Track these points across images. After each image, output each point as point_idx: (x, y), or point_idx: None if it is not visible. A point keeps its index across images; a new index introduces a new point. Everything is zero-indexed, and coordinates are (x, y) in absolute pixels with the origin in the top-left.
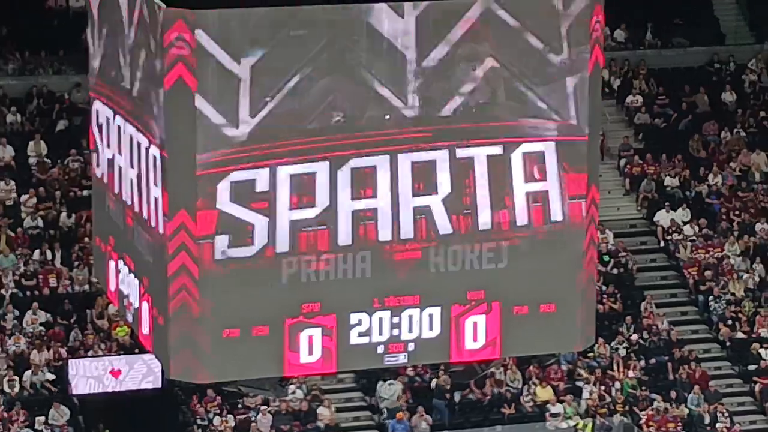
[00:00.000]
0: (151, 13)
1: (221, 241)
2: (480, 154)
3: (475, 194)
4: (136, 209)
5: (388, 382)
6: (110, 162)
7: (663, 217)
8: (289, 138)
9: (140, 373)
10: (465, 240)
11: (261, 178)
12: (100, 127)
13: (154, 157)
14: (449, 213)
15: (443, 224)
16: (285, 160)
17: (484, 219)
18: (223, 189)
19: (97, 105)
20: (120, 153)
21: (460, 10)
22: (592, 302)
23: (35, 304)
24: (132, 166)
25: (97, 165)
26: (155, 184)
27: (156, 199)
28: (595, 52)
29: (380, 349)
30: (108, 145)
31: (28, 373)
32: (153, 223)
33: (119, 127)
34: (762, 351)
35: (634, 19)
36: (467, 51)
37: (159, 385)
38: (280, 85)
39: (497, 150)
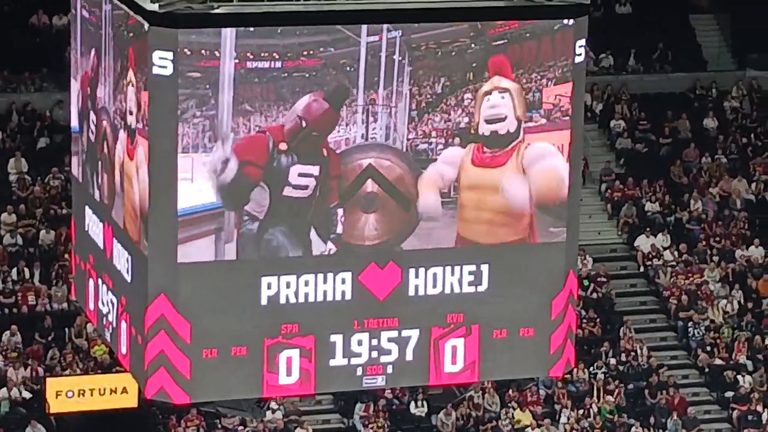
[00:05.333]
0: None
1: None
2: None
3: None
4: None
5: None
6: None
7: (643, 242)
8: None
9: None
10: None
11: None
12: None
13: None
14: None
15: None
16: None
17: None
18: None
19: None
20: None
21: None
22: (571, 327)
23: (13, 323)
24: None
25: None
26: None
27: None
28: None
29: (359, 371)
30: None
31: (4, 390)
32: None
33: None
34: (740, 378)
35: (616, 44)
36: None
37: (135, 404)
38: None
39: None
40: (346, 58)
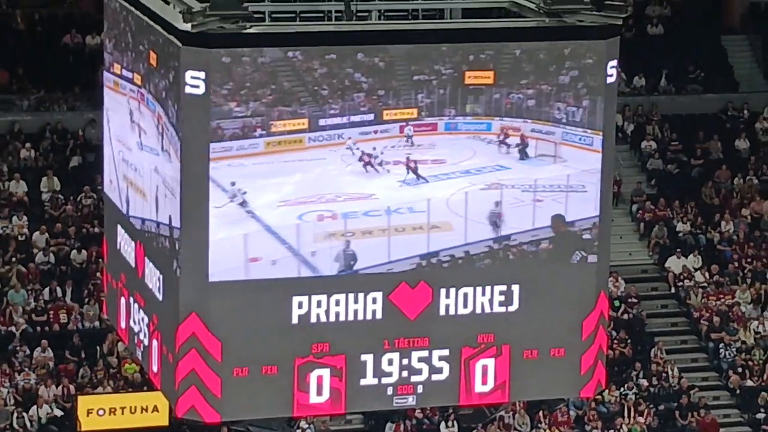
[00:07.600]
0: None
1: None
2: None
3: None
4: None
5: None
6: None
7: (674, 264)
8: None
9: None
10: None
11: None
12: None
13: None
14: None
15: None
16: None
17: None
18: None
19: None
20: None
21: None
22: (601, 348)
23: (45, 340)
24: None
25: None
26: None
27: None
28: None
29: (389, 391)
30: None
31: (35, 408)
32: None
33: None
34: None
35: (648, 64)
36: None
37: (166, 422)
38: None
39: None
40: None
